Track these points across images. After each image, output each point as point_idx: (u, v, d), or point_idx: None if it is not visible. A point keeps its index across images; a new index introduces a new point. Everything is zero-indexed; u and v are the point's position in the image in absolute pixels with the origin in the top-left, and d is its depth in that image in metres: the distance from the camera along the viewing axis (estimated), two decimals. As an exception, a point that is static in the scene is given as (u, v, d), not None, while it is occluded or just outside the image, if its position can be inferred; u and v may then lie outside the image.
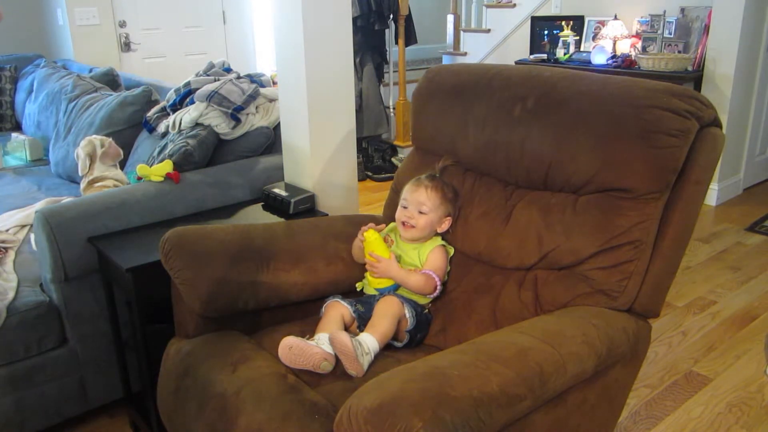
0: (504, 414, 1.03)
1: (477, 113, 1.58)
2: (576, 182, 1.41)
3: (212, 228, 1.58)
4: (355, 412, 0.97)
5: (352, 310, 1.50)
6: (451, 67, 1.76)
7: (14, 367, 1.74)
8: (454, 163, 1.67)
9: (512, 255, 1.49)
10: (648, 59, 3.74)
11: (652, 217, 1.33)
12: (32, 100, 3.46)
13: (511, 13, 5.03)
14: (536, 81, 1.50)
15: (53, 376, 1.81)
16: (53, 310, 1.78)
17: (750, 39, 3.61)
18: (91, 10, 4.11)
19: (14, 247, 2.06)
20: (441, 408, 0.96)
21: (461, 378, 1.03)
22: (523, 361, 1.10)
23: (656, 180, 1.31)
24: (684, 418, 1.94)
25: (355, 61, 4.06)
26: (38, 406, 1.80)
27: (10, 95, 3.81)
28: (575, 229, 1.39)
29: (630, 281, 1.34)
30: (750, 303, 2.64)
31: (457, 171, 1.67)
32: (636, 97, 1.34)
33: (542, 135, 1.44)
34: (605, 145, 1.35)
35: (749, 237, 3.33)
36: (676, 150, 1.29)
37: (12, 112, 3.81)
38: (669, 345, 2.34)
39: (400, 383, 1.01)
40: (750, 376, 2.14)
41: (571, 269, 1.40)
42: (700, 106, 1.33)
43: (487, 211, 1.57)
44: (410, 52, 4.83)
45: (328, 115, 2.03)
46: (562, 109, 1.42)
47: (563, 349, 1.15)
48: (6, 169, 3.05)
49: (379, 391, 0.99)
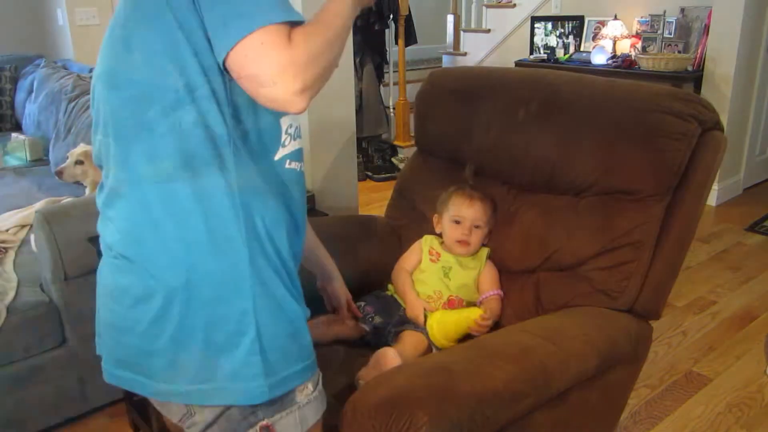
0: (507, 411, 1.04)
1: (481, 116, 1.58)
2: (579, 185, 1.41)
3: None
4: (360, 407, 0.98)
5: (365, 325, 1.46)
6: (455, 69, 1.76)
7: (14, 367, 1.74)
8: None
9: (517, 258, 1.50)
10: (648, 59, 3.74)
11: (653, 219, 1.33)
12: (32, 100, 3.46)
13: (511, 13, 5.03)
14: (540, 84, 1.51)
15: (53, 376, 1.81)
16: (53, 310, 1.78)
17: (750, 39, 3.61)
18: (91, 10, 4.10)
19: (14, 247, 2.06)
20: (446, 403, 0.96)
21: (466, 374, 1.03)
22: (527, 359, 1.10)
23: (658, 183, 1.31)
24: (684, 418, 1.94)
25: (355, 61, 4.06)
26: (38, 406, 1.80)
27: (10, 95, 3.81)
28: (577, 231, 1.39)
29: (630, 282, 1.34)
30: (750, 303, 2.64)
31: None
32: (639, 101, 1.34)
33: (546, 138, 1.45)
34: (608, 148, 1.35)
35: (749, 237, 3.33)
36: (678, 153, 1.30)
37: (12, 112, 3.81)
38: (669, 345, 2.34)
39: (405, 379, 1.01)
40: (750, 376, 2.14)
41: (572, 270, 1.40)
42: (702, 109, 1.33)
43: (491, 214, 1.57)
44: (410, 52, 4.82)
45: (328, 115, 2.03)
46: (565, 112, 1.43)
47: (566, 348, 1.15)
48: (6, 169, 3.05)
49: (384, 387, 1.00)
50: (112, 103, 0.90)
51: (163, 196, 0.88)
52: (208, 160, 0.87)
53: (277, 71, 0.78)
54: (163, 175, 0.87)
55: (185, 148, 0.86)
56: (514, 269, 1.51)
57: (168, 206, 0.88)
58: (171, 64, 0.84)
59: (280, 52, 0.78)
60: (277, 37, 0.78)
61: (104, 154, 0.95)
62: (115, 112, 0.90)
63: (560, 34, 4.49)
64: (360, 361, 1.30)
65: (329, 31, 0.86)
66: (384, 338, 1.44)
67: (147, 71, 0.85)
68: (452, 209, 1.54)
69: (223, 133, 0.87)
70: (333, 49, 0.87)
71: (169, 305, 0.89)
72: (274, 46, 0.78)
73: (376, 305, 1.52)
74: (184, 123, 0.85)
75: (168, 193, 0.88)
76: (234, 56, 0.80)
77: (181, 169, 0.87)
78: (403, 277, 1.57)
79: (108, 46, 0.91)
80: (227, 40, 0.80)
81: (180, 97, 0.85)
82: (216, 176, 0.87)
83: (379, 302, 1.54)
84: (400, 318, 1.49)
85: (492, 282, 1.51)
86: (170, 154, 0.86)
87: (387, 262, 1.65)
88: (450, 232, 1.54)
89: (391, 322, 1.47)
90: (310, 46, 0.81)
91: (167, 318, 0.90)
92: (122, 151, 0.89)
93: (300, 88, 0.80)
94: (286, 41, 0.79)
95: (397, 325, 1.46)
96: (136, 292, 0.91)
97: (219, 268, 0.89)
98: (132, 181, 0.90)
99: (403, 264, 1.60)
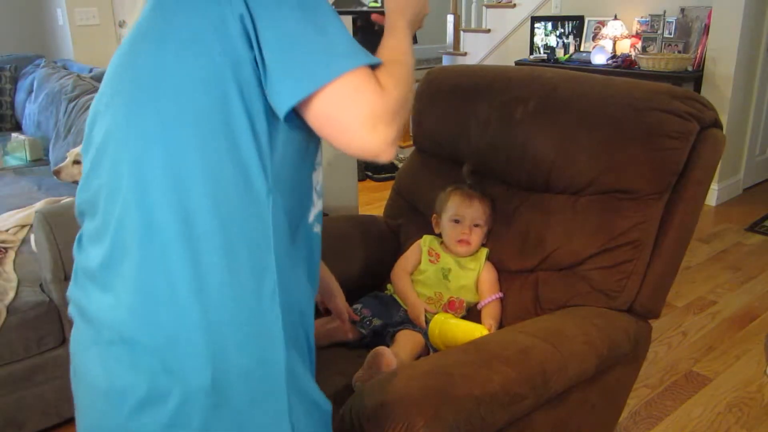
0: (505, 413, 1.03)
1: (479, 115, 1.58)
2: (577, 184, 1.41)
3: (212, 228, 1.57)
4: (356, 410, 0.97)
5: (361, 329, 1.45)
6: (452, 68, 1.76)
7: (14, 367, 1.74)
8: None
9: (515, 258, 1.50)
10: (648, 59, 3.74)
11: (652, 218, 1.33)
12: (32, 100, 3.46)
13: (511, 13, 5.03)
14: (538, 83, 1.51)
15: (53, 376, 1.81)
16: (53, 310, 1.78)
17: (750, 39, 3.61)
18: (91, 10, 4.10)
19: (14, 247, 2.06)
20: (443, 407, 0.96)
21: (463, 377, 1.03)
22: (525, 361, 1.10)
23: (657, 182, 1.31)
24: (684, 418, 1.94)
25: (355, 61, 4.05)
26: (38, 406, 1.80)
27: (10, 95, 3.81)
28: (576, 231, 1.39)
29: (629, 281, 1.34)
30: (750, 303, 2.64)
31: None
32: (637, 100, 1.34)
33: (544, 137, 1.44)
34: (606, 147, 1.35)
35: (749, 237, 3.33)
36: (676, 152, 1.30)
37: (12, 112, 3.81)
38: (669, 345, 2.33)
39: (402, 382, 1.01)
40: (750, 376, 2.14)
41: (571, 269, 1.40)
42: (701, 107, 1.33)
43: (488, 213, 1.57)
44: (410, 52, 4.82)
45: (328, 115, 2.02)
46: (563, 111, 1.42)
47: (565, 349, 1.15)
48: (6, 169, 3.05)
49: (380, 390, 1.00)
50: (133, 146, 0.74)
51: (190, 261, 0.72)
52: (244, 217, 0.74)
53: (372, 119, 0.71)
54: (189, 235, 0.73)
55: (219, 199, 0.73)
56: (512, 269, 1.51)
57: (196, 276, 0.73)
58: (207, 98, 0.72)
59: (375, 98, 0.71)
60: (368, 82, 0.72)
61: (106, 200, 0.77)
62: (138, 156, 0.74)
63: (560, 34, 4.49)
64: (358, 363, 1.30)
65: (410, 73, 0.81)
66: (382, 339, 1.44)
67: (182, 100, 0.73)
68: (451, 209, 1.53)
69: (263, 188, 0.75)
70: (413, 90, 0.82)
71: (187, 410, 0.72)
72: (368, 91, 0.71)
73: (374, 307, 1.51)
74: (222, 170, 0.73)
75: (195, 258, 0.72)
76: (318, 102, 0.71)
77: (214, 226, 0.73)
78: (403, 279, 1.56)
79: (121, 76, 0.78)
80: (308, 83, 0.70)
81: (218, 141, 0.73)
82: (253, 233, 0.75)
83: (377, 303, 1.54)
84: (399, 318, 1.49)
85: (491, 285, 1.51)
86: (203, 207, 0.72)
87: (387, 261, 1.65)
88: (450, 231, 1.53)
89: (390, 323, 1.47)
90: (400, 90, 0.75)
91: (184, 427, 0.73)
92: (141, 202, 0.73)
93: (394, 136, 0.73)
94: (378, 86, 0.72)
95: (395, 325, 1.46)
96: (141, 392, 0.73)
97: (252, 361, 0.74)
98: (150, 237, 0.73)
99: (402, 265, 1.60)
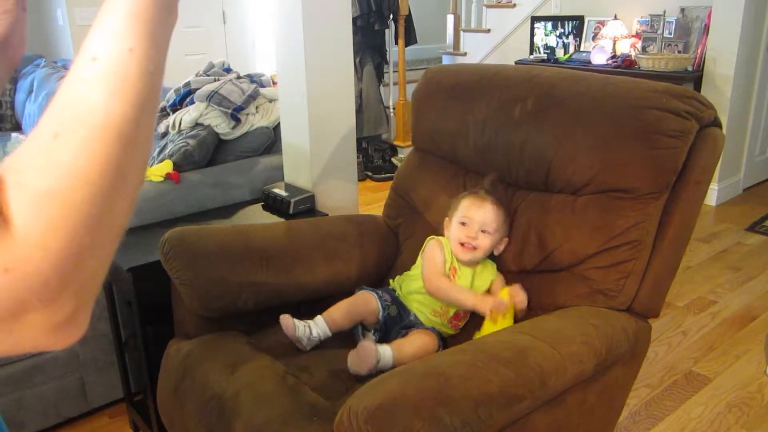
0: (504, 414, 1.03)
1: (477, 114, 1.58)
2: (576, 183, 1.41)
3: (212, 228, 1.58)
4: (354, 412, 0.97)
5: (381, 307, 1.46)
6: (451, 67, 1.76)
7: (14, 367, 1.74)
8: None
9: (515, 259, 1.50)
10: (648, 59, 3.74)
11: (651, 218, 1.32)
12: (32, 100, 3.46)
13: (511, 13, 5.03)
14: (536, 81, 1.50)
15: (53, 376, 1.81)
16: (53, 311, 1.78)
17: (750, 39, 3.61)
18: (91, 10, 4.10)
19: (14, 247, 2.06)
20: (440, 408, 0.96)
21: (461, 378, 1.03)
22: (523, 361, 1.10)
23: (656, 181, 1.31)
24: (684, 418, 1.94)
25: (355, 61, 4.06)
26: (38, 406, 1.80)
27: (10, 95, 3.81)
28: (575, 230, 1.39)
29: (628, 280, 1.34)
30: (750, 303, 2.64)
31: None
32: (635, 98, 1.34)
33: (542, 136, 1.44)
34: (605, 146, 1.35)
35: (749, 237, 3.33)
36: (675, 151, 1.29)
37: (12, 112, 3.81)
38: (669, 345, 2.33)
39: (399, 383, 1.01)
40: (750, 376, 2.14)
41: (570, 269, 1.40)
42: (700, 106, 1.33)
43: (487, 212, 1.57)
44: (410, 52, 4.82)
45: (328, 115, 2.02)
46: (561, 109, 1.42)
47: (563, 350, 1.15)
48: (6, 169, 3.05)
49: (378, 392, 0.99)
50: None
51: None
52: None
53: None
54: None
55: None
56: (512, 269, 1.50)
57: None
58: None
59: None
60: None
61: None
62: None
63: (560, 34, 4.49)
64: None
65: (117, 156, 0.40)
66: (390, 334, 1.46)
67: None
68: (461, 210, 1.45)
69: None
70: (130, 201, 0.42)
71: None
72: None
73: (393, 297, 1.52)
74: None
75: None
76: None
77: None
78: (445, 281, 1.44)
79: None
80: None
81: None
82: None
83: (395, 297, 1.53)
84: (409, 321, 1.49)
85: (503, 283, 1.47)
86: None
87: (386, 261, 1.65)
88: (455, 233, 1.45)
89: (401, 324, 1.47)
90: (67, 223, 0.37)
91: None
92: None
93: (69, 313, 0.38)
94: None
95: (406, 327, 1.47)
96: None
97: None
98: None
99: (435, 269, 1.46)
